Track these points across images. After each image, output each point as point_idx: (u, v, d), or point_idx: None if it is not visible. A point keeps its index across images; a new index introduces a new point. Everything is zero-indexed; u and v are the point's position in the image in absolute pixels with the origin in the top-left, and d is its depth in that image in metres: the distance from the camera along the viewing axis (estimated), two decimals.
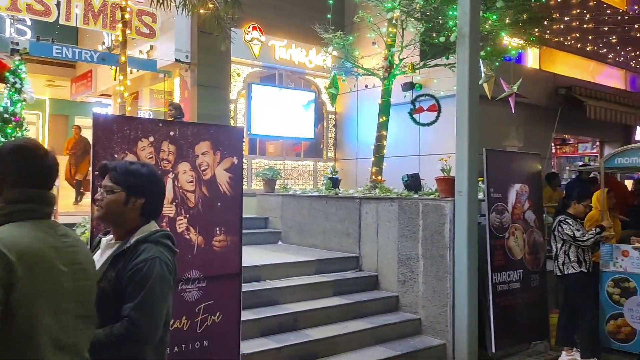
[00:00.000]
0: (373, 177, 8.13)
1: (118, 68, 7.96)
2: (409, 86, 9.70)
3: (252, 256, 6.28)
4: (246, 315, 4.79)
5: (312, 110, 11.37)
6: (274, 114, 10.77)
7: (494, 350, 5.40)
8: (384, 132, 8.20)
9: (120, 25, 7.65)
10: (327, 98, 9.59)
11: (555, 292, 6.37)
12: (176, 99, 10.48)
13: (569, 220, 5.44)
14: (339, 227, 7.01)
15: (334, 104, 9.07)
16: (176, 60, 9.74)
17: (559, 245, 5.48)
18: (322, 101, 11.86)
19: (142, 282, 1.99)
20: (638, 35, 14.75)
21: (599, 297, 5.78)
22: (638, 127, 12.59)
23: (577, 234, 5.34)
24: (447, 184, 5.85)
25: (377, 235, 6.46)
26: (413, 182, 6.80)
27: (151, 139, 3.51)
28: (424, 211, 5.90)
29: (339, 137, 12.18)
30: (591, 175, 9.14)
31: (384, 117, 8.19)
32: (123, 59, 7.60)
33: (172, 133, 3.59)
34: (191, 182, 3.64)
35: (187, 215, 3.61)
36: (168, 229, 3.11)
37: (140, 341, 1.98)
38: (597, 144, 13.36)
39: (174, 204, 3.57)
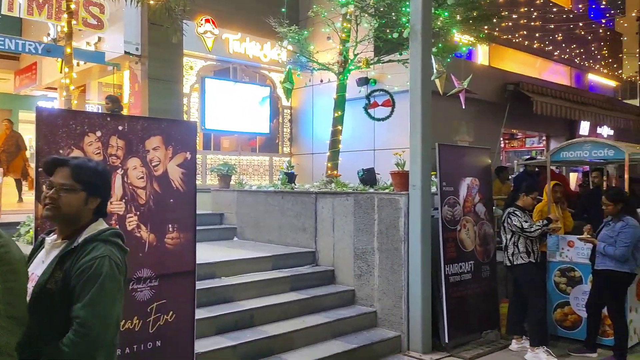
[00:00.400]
0: (329, 171, 8.15)
1: (64, 60, 7.64)
2: (364, 81, 9.76)
3: (207, 253, 6.18)
4: (201, 313, 4.72)
5: (268, 105, 11.28)
6: (229, 108, 10.63)
7: (447, 341, 5.53)
8: (340, 127, 8.23)
9: (66, 16, 7.34)
10: (283, 93, 9.52)
11: (505, 282, 6.57)
12: (126, 92, 10.18)
13: (517, 212, 5.62)
14: (295, 222, 7.00)
15: (289, 99, 9.03)
16: (125, 52, 9.44)
17: (508, 237, 5.64)
18: (277, 96, 11.79)
19: (91, 281, 1.91)
20: (582, 33, 15.39)
21: (546, 286, 6.01)
22: (582, 122, 13.11)
23: (525, 225, 5.52)
24: (401, 178, 5.93)
25: (333, 229, 6.48)
26: (368, 177, 6.85)
27: (99, 133, 3.38)
28: (379, 205, 5.96)
29: (295, 132, 12.15)
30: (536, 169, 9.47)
31: (339, 112, 8.22)
32: (69, 50, 7.31)
33: (120, 127, 3.47)
34: (142, 178, 3.54)
35: (138, 213, 3.51)
36: (117, 227, 3.01)
37: (90, 342, 1.89)
38: (544, 138, 13.85)
39: (124, 201, 3.46)
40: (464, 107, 7.75)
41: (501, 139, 12.11)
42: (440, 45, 7.75)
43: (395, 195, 5.86)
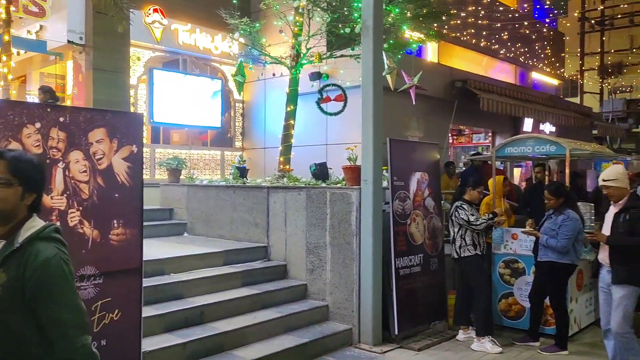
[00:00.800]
0: (281, 166, 8.11)
1: (1, 48, 7.24)
2: (316, 76, 9.75)
3: (156, 249, 6.05)
4: (149, 311, 4.61)
5: (219, 99, 11.10)
6: (178, 101, 10.38)
7: (396, 332, 5.62)
8: (292, 121, 8.19)
9: (4, 2, 6.95)
10: (234, 86, 9.37)
11: (452, 274, 6.73)
12: (69, 83, 9.76)
13: (464, 206, 5.76)
14: (247, 217, 6.93)
15: (240, 92, 8.89)
16: (69, 41, 9.04)
17: (455, 230, 5.79)
18: (229, 89, 11.61)
19: (56, 283, 1.86)
20: (526, 32, 15.94)
21: (491, 277, 6.20)
22: (526, 119, 13.57)
23: (472, 218, 5.67)
24: (353, 173, 5.96)
25: (285, 224, 6.46)
26: (321, 171, 6.86)
27: (38, 125, 3.22)
28: (332, 200, 5.98)
29: (247, 126, 12.01)
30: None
31: (291, 106, 8.18)
32: (7, 38, 6.93)
33: (62, 119, 3.32)
34: (84, 172, 3.39)
35: (81, 208, 3.37)
36: (58, 223, 2.88)
37: (86, 337, 1.91)
38: (490, 134, 14.27)
39: (65, 195, 3.31)
40: (414, 103, 7.85)
41: (449, 134, 12.39)
42: (391, 41, 7.83)
43: (347, 189, 5.89)
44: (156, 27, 10.01)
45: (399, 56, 7.93)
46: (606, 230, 4.58)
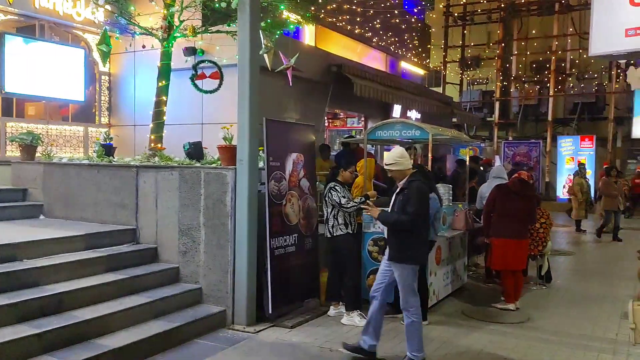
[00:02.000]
0: (152, 144, 7.71)
1: None
2: (191, 51, 9.37)
3: (6, 233, 5.53)
4: None
5: (82, 70, 10.21)
6: (35, 70, 9.36)
7: (270, 312, 5.68)
8: (164, 97, 7.80)
9: None
10: (99, 56, 8.68)
11: (325, 253, 6.94)
12: None
13: (337, 187, 5.94)
14: (113, 198, 6.51)
15: (105, 63, 8.27)
16: None
17: (329, 210, 5.96)
18: (93, 60, 10.72)
19: None
20: (397, 22, 16.74)
21: (361, 255, 6.50)
22: (395, 105, 14.30)
23: (343, 201, 5.86)
24: (228, 153, 5.86)
25: (156, 205, 6.18)
26: (195, 151, 6.65)
27: None
28: (206, 180, 5.83)
29: (114, 101, 11.22)
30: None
31: (163, 82, 7.78)
32: None
33: None
34: None
35: None
36: None
37: None
38: (363, 119, 14.87)
39: None
40: (290, 84, 7.90)
41: (325, 118, 12.68)
42: (269, 20, 7.76)
43: (222, 169, 5.77)
44: None
45: (277, 36, 7.89)
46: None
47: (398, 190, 4.74)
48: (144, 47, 8.39)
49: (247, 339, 5.25)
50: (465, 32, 25.64)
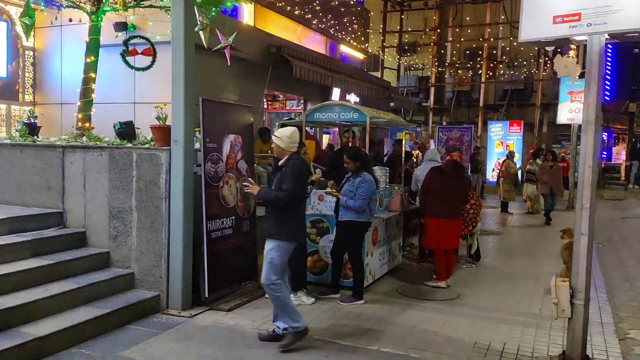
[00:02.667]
0: (80, 123, 7.34)
1: None
2: (122, 26, 8.95)
3: None
4: None
5: (4, 44, 9.53)
6: None
7: (207, 295, 5.59)
8: (92, 74, 7.42)
9: None
10: (22, 30, 8.11)
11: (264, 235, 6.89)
12: None
13: None
14: (37, 180, 6.16)
15: (29, 38, 7.74)
16: None
17: None
18: (16, 34, 10.03)
19: None
20: (336, 4, 16.70)
21: None
22: (334, 88, 14.34)
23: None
24: (162, 133, 5.66)
25: (84, 188, 5.90)
26: (126, 131, 6.37)
27: None
28: (138, 161, 5.62)
29: (40, 77, 10.57)
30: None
31: (92, 57, 7.39)
32: None
33: None
34: None
35: None
36: None
37: None
38: (302, 101, 14.81)
39: None
40: (229, 64, 7.72)
41: (264, 100, 12.52)
42: None
43: (156, 150, 5.58)
44: None
45: (213, 13, 7.66)
46: None
47: (277, 167, 4.79)
48: (70, 20, 7.94)
49: (182, 324, 5.16)
50: (402, 17, 26.00)
